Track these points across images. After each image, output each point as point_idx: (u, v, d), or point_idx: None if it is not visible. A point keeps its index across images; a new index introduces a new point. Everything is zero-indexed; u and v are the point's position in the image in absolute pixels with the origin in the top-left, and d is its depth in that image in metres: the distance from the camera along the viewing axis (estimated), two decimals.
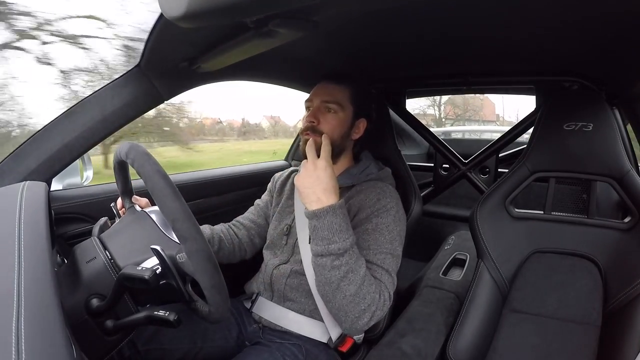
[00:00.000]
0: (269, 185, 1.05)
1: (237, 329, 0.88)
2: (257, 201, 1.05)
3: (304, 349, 0.79)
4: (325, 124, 0.83)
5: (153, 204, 0.67)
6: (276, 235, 0.92)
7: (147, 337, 0.76)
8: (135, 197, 0.70)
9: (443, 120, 15.43)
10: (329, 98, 0.84)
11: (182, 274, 0.53)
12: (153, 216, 0.61)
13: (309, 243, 0.84)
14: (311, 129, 0.83)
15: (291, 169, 1.04)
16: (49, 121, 0.75)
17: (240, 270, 0.99)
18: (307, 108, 0.87)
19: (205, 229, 0.93)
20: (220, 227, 0.97)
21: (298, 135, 1.65)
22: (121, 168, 0.63)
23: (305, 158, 0.93)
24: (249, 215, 1.03)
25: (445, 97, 13.34)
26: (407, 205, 0.99)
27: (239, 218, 1.03)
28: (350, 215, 0.81)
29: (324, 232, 0.67)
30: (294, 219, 0.90)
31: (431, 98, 13.39)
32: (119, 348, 0.54)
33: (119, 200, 0.71)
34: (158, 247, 0.50)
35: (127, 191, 0.67)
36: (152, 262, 0.53)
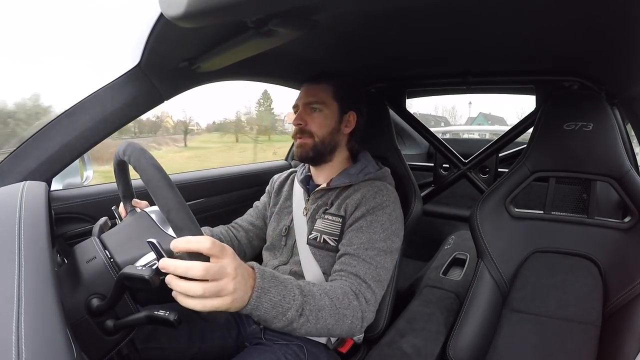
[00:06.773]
0: (268, 187, 1.05)
1: (236, 329, 0.88)
2: (256, 203, 1.06)
3: (306, 349, 0.79)
4: (312, 123, 0.86)
5: (153, 204, 0.67)
6: (275, 237, 0.93)
7: (146, 335, 0.76)
8: (135, 200, 0.69)
9: None
10: (311, 99, 0.87)
11: None
12: (152, 215, 0.61)
13: (307, 243, 0.84)
14: (300, 130, 0.86)
15: (290, 170, 1.05)
16: (49, 121, 0.75)
17: None
18: (295, 113, 0.90)
19: (205, 230, 0.93)
20: (220, 229, 0.97)
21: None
22: (121, 169, 0.63)
23: (302, 162, 0.94)
24: (248, 217, 1.03)
25: None
26: (407, 205, 0.98)
27: (238, 220, 1.03)
28: (347, 214, 0.81)
29: (272, 312, 0.55)
30: (292, 220, 0.90)
31: None
32: (118, 347, 0.54)
33: (121, 204, 0.71)
34: (154, 240, 0.48)
35: (127, 194, 0.67)
36: (149, 257, 0.52)
